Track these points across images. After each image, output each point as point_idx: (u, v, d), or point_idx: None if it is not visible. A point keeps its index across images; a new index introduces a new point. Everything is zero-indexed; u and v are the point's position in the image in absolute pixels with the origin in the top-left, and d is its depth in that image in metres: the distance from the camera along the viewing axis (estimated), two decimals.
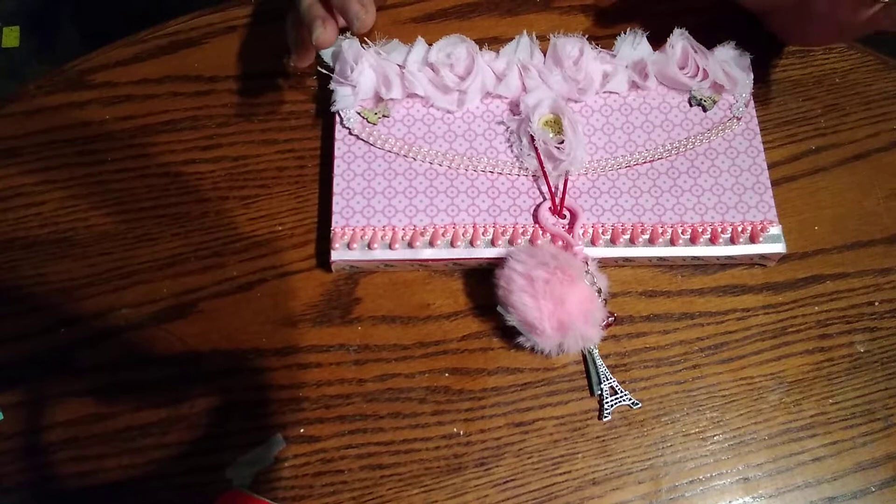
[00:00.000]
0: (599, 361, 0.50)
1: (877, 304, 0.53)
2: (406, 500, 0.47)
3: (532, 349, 0.48)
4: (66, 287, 0.51)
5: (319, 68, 0.56)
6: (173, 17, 0.59)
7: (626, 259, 0.52)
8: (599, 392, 0.49)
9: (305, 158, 0.55)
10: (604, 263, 0.51)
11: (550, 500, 0.47)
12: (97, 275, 0.51)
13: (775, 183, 0.55)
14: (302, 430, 0.48)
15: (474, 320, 0.51)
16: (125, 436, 0.48)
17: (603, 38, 0.57)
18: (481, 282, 0.50)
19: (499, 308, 0.48)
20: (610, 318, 0.50)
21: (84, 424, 0.48)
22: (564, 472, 0.48)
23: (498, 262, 0.49)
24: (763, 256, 0.52)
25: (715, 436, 0.49)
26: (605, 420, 0.49)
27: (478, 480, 0.48)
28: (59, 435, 0.48)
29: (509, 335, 0.50)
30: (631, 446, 0.49)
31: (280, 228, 0.53)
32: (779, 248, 0.51)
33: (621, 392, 0.49)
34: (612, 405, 0.49)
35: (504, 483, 0.48)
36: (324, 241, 0.52)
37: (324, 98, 0.56)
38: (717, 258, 0.52)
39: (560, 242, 0.51)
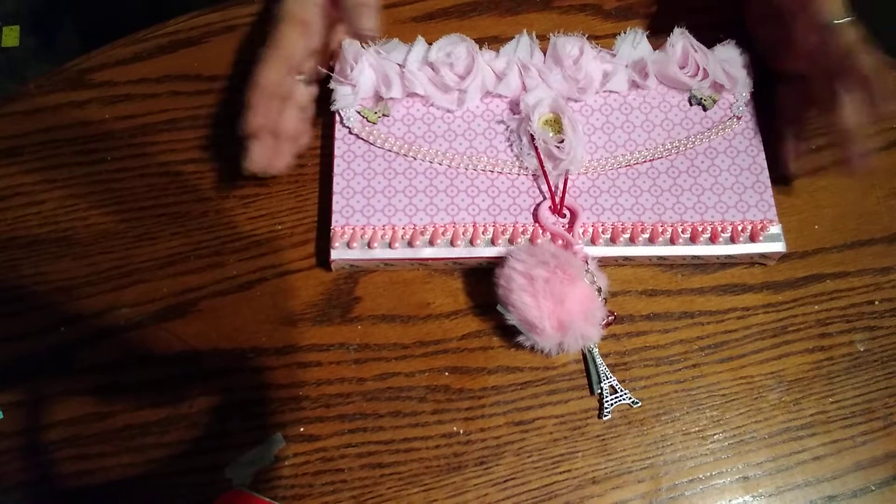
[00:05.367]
0: (599, 360, 0.50)
1: (877, 302, 0.53)
2: (406, 498, 0.47)
3: (532, 348, 0.48)
4: (65, 286, 0.51)
5: (319, 67, 0.56)
6: (173, 16, 0.59)
7: (626, 258, 0.52)
8: (599, 391, 0.49)
9: (305, 158, 0.55)
10: (604, 262, 0.51)
11: (550, 499, 0.47)
12: (97, 274, 0.51)
13: (775, 182, 0.55)
14: (302, 429, 0.48)
15: (474, 319, 0.51)
16: (125, 435, 0.48)
17: (603, 37, 0.57)
18: (481, 281, 0.50)
19: (499, 307, 0.48)
20: (610, 317, 0.50)
21: (84, 423, 0.48)
22: (564, 471, 0.48)
23: (498, 262, 0.49)
24: (763, 255, 0.52)
25: (715, 434, 0.49)
26: (604, 419, 0.49)
27: (478, 479, 0.48)
28: (59, 434, 0.48)
29: (509, 334, 0.50)
30: (631, 445, 0.49)
31: (280, 228, 0.53)
32: (779, 247, 0.51)
33: (621, 391, 0.49)
34: (611, 404, 0.49)
35: (504, 482, 0.48)
36: (324, 240, 0.52)
37: (324, 98, 0.56)
38: (717, 257, 0.52)
39: (560, 241, 0.51)
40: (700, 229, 0.51)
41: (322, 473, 0.48)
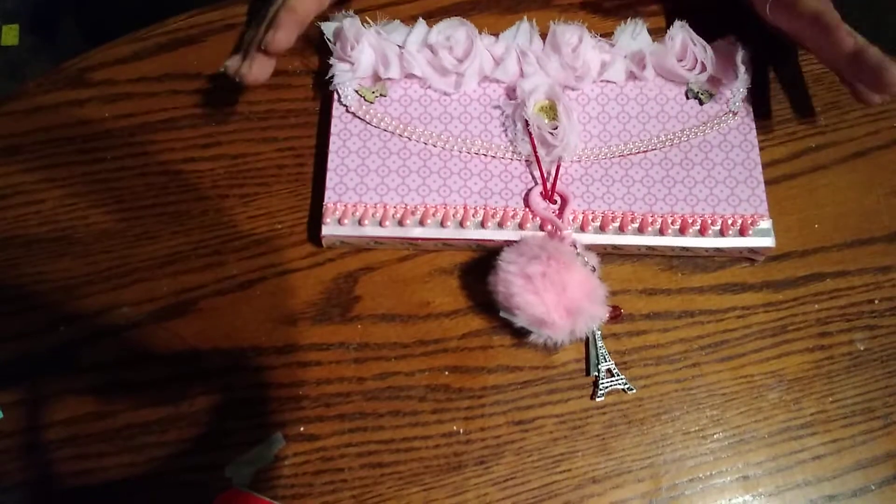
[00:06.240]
0: (600, 342, 0.50)
1: (877, 301, 0.53)
2: (406, 498, 0.47)
3: (545, 344, 0.48)
4: (65, 285, 0.51)
5: (326, 40, 0.55)
6: (173, 14, 0.59)
7: (615, 246, 0.52)
8: (596, 373, 0.49)
9: (304, 157, 0.55)
10: (595, 253, 0.51)
11: (550, 499, 0.47)
12: (97, 273, 0.51)
13: (776, 181, 0.55)
14: (302, 429, 0.48)
15: (474, 318, 0.51)
16: (125, 434, 0.48)
17: (602, 34, 0.57)
18: (481, 280, 0.50)
19: (502, 313, 0.48)
20: (615, 312, 0.50)
21: (84, 423, 0.48)
22: (564, 471, 0.48)
23: (490, 270, 0.48)
24: (752, 250, 0.52)
25: (715, 434, 0.49)
26: (598, 399, 0.49)
27: (478, 479, 0.48)
28: (59, 433, 0.48)
29: (509, 333, 0.50)
30: (631, 444, 0.49)
31: (280, 226, 0.53)
32: (768, 242, 0.51)
33: (617, 375, 0.49)
34: (606, 387, 0.49)
35: (504, 481, 0.48)
36: (316, 215, 0.53)
37: (324, 97, 0.56)
38: (706, 250, 0.52)
39: (549, 227, 0.51)
40: (690, 221, 0.51)
41: (322, 473, 0.48)
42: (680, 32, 0.55)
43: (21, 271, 0.51)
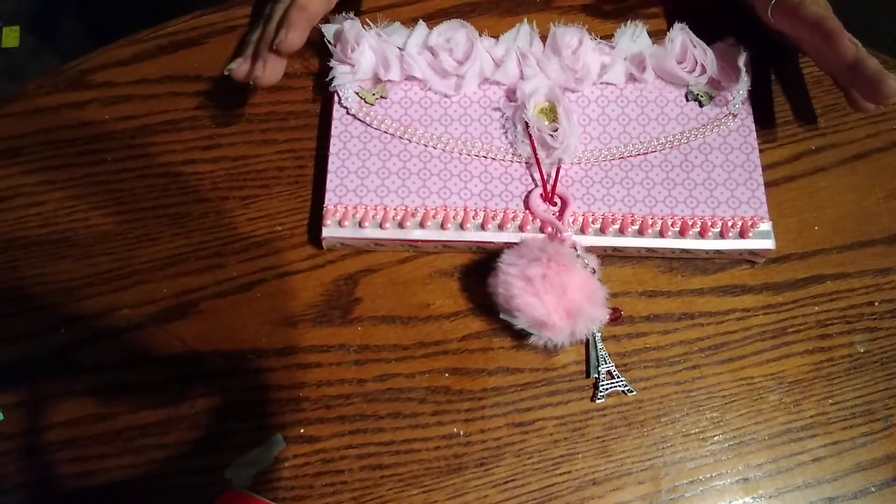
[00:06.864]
0: (601, 345, 0.50)
1: (877, 304, 0.53)
2: (406, 500, 0.47)
3: (545, 346, 0.48)
4: (66, 287, 0.51)
5: (326, 42, 0.55)
6: (174, 16, 0.59)
7: (615, 248, 0.52)
8: (596, 375, 0.49)
9: (305, 158, 0.55)
10: (595, 255, 0.51)
11: (550, 501, 0.47)
12: (97, 275, 0.51)
13: (775, 183, 0.55)
14: (302, 431, 0.48)
15: (474, 320, 0.51)
16: (125, 436, 0.48)
17: (603, 38, 0.57)
18: (481, 282, 0.50)
19: (502, 315, 0.48)
20: (616, 314, 0.50)
21: (84, 424, 0.48)
22: (564, 473, 0.48)
23: (490, 272, 0.49)
24: (752, 252, 0.52)
25: (715, 436, 0.49)
26: (597, 402, 0.49)
27: (478, 481, 0.48)
28: (59, 435, 0.48)
29: (509, 335, 0.50)
30: (631, 446, 0.49)
31: (280, 228, 0.53)
32: (768, 244, 0.51)
33: (617, 377, 0.49)
34: (606, 389, 0.49)
35: (504, 483, 0.48)
36: (316, 217, 0.53)
37: (324, 99, 0.56)
38: (706, 252, 0.52)
39: (549, 228, 0.51)
40: (690, 223, 0.51)
41: (322, 475, 0.48)
42: (680, 34, 0.55)
43: (22, 273, 0.51)
